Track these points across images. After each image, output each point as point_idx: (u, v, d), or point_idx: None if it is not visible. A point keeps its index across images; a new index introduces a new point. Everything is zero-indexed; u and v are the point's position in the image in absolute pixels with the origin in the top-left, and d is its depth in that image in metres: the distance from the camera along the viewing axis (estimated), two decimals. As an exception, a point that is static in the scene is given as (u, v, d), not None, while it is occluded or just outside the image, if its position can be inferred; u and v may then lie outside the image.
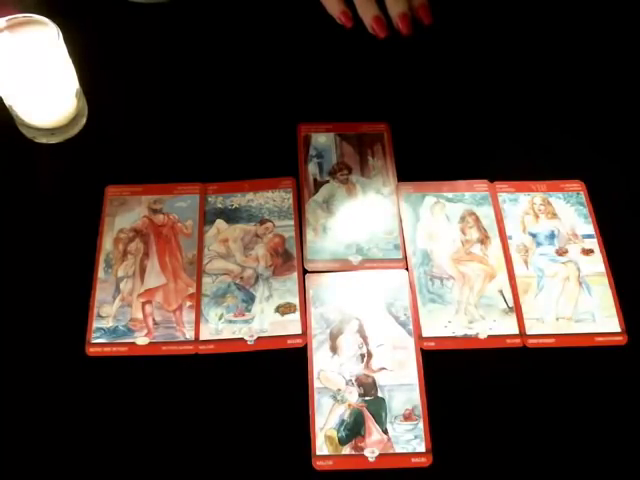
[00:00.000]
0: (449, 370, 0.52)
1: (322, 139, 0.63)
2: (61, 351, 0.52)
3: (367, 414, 0.50)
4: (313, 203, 0.59)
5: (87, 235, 0.57)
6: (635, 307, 0.55)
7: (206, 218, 0.58)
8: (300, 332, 0.53)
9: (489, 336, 0.53)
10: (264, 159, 0.61)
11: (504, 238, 0.58)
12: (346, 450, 0.49)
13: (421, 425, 0.50)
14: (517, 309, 0.54)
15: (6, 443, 0.49)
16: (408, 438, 0.49)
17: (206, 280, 0.55)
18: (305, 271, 0.56)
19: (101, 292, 0.54)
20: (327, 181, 0.61)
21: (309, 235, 0.58)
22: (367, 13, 0.62)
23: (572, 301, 0.55)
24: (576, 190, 0.60)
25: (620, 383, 0.52)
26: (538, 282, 0.56)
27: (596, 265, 0.56)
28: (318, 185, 0.60)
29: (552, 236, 0.58)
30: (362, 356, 0.52)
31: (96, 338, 0.52)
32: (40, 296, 0.54)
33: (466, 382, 0.52)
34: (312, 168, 0.61)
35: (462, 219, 0.59)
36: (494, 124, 0.64)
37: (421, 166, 0.61)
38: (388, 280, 0.56)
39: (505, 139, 0.63)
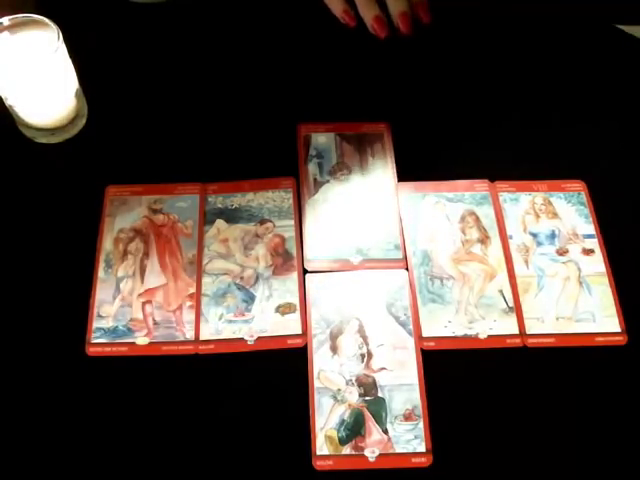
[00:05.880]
0: (449, 370, 0.52)
1: (322, 139, 0.63)
2: (61, 351, 0.52)
3: (367, 414, 0.50)
4: (313, 203, 0.59)
5: (87, 235, 0.57)
6: (635, 307, 0.55)
7: (206, 218, 0.58)
8: (300, 332, 0.53)
9: (489, 336, 0.53)
10: (264, 159, 0.61)
11: (504, 238, 0.58)
12: (346, 450, 0.49)
13: (421, 425, 0.50)
14: (517, 309, 0.54)
15: (6, 443, 0.49)
16: (408, 438, 0.49)
17: (206, 280, 0.55)
18: (305, 271, 0.56)
19: (101, 292, 0.54)
20: (327, 181, 0.60)
21: (309, 235, 0.58)
22: (368, 13, 0.62)
23: (572, 301, 0.55)
24: (577, 190, 0.60)
25: (620, 383, 0.52)
26: (538, 282, 0.56)
27: (596, 265, 0.56)
28: (318, 185, 0.60)
29: (553, 236, 0.58)
30: (362, 356, 0.52)
31: (96, 338, 0.52)
32: (40, 296, 0.54)
33: (466, 382, 0.52)
34: (312, 168, 0.61)
35: (462, 219, 0.59)
36: (494, 124, 0.64)
37: (421, 166, 0.61)
38: (388, 280, 0.56)
39: (505, 139, 0.63)
